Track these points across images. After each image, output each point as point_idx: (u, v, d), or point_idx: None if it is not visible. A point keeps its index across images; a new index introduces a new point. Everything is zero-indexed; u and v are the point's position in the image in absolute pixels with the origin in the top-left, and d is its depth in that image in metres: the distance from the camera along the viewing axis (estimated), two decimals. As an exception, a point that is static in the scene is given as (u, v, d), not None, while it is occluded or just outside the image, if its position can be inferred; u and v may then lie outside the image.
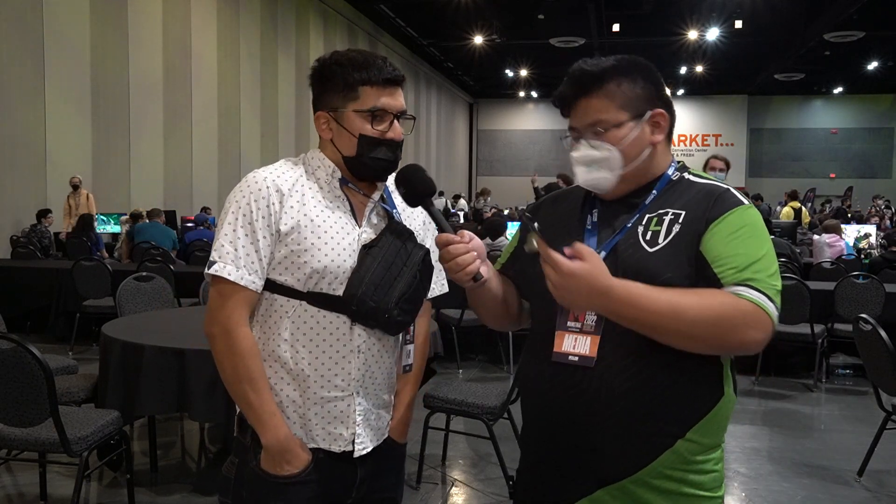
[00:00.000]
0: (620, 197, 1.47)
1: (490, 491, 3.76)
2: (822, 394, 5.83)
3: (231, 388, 1.57)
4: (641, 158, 1.43)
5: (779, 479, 3.99)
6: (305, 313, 1.57)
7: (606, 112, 1.42)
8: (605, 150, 1.42)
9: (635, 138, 1.42)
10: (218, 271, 1.53)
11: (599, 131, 1.42)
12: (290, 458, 1.56)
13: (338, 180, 1.63)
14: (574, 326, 1.42)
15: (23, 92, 9.12)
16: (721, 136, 27.30)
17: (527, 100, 28.82)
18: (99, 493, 3.66)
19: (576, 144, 1.46)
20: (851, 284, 5.89)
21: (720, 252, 1.34)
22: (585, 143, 1.44)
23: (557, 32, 17.77)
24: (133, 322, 3.96)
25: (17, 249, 8.50)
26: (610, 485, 1.39)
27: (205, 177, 12.78)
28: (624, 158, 1.42)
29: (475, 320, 5.93)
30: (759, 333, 1.29)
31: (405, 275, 1.59)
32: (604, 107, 1.42)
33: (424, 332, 1.81)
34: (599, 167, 1.43)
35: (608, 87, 1.42)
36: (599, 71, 1.42)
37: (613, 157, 1.42)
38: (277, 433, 1.55)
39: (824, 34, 16.78)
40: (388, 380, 1.70)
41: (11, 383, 2.86)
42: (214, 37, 12.85)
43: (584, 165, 1.45)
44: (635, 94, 1.43)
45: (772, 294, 1.30)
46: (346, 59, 1.59)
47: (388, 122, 1.60)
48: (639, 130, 1.42)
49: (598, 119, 1.42)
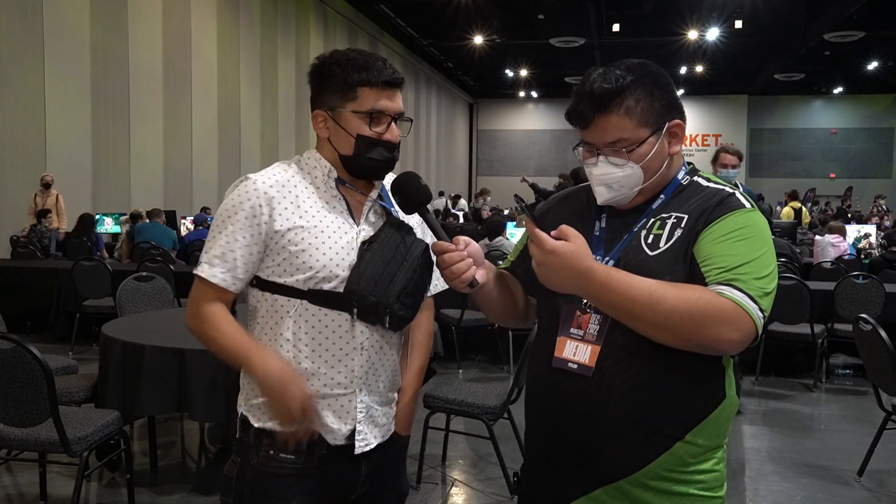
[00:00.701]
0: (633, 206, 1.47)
1: (490, 491, 3.76)
2: (822, 394, 5.83)
3: (224, 353, 1.57)
4: (661, 171, 1.43)
5: (779, 479, 3.99)
6: (307, 312, 1.58)
7: (626, 130, 1.39)
8: (627, 168, 1.40)
9: (655, 153, 1.41)
10: (200, 272, 1.58)
11: (620, 150, 1.40)
12: (294, 389, 1.51)
13: (334, 180, 1.63)
14: (577, 334, 1.43)
15: (23, 91, 9.12)
16: (721, 136, 27.28)
17: (527, 100, 28.81)
18: (99, 493, 3.66)
19: (592, 159, 1.43)
20: (851, 284, 5.88)
21: (709, 252, 1.34)
22: (605, 160, 1.41)
23: (557, 32, 17.77)
24: (133, 322, 3.96)
25: (17, 249, 8.51)
26: (608, 484, 1.39)
27: (205, 176, 12.77)
28: (645, 174, 1.41)
29: (475, 320, 5.93)
30: (735, 333, 1.27)
31: (405, 269, 1.59)
32: (624, 125, 1.38)
33: (427, 326, 1.81)
34: (621, 185, 1.42)
35: (626, 104, 1.38)
36: (617, 88, 1.38)
37: (635, 175, 1.41)
38: (273, 365, 1.53)
39: (824, 34, 16.78)
40: (393, 377, 1.70)
41: (11, 383, 2.86)
42: (214, 36, 12.85)
43: (604, 186, 1.43)
44: (653, 107, 1.40)
45: (757, 295, 1.29)
46: (346, 60, 1.59)
47: (385, 124, 1.60)
48: (659, 144, 1.41)
49: (619, 138, 1.39)
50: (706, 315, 1.27)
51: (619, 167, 1.40)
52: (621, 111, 1.38)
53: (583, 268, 1.32)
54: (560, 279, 1.34)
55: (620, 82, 1.38)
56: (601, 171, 1.42)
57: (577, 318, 1.43)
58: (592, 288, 1.32)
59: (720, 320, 1.27)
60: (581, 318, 1.43)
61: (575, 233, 1.34)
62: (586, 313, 1.42)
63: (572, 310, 1.44)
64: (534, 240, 1.35)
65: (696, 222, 1.38)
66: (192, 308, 1.60)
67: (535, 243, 1.34)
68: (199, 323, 1.59)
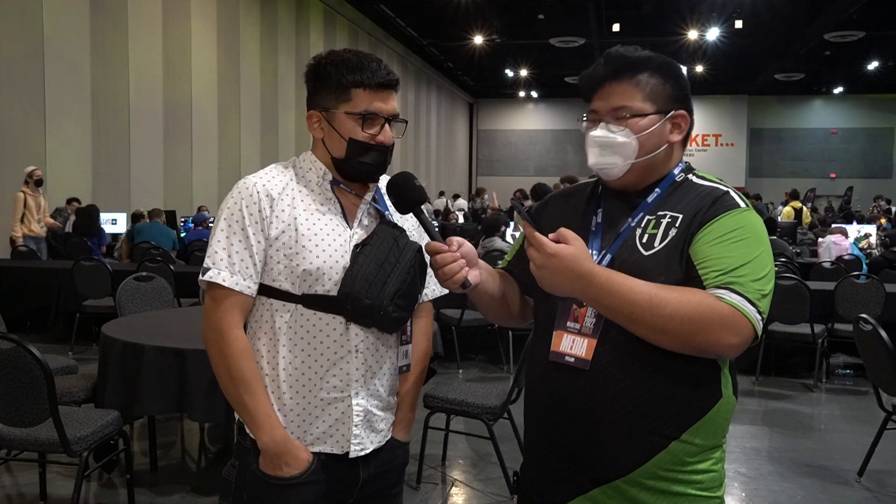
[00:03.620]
0: (624, 191, 1.47)
1: (490, 491, 3.75)
2: (822, 394, 5.83)
3: (226, 390, 1.58)
4: (655, 154, 1.44)
5: (779, 479, 3.99)
6: (301, 317, 1.58)
7: (632, 99, 1.43)
8: (622, 135, 1.42)
9: (654, 132, 1.43)
10: (212, 277, 1.55)
11: (622, 116, 1.43)
12: (289, 460, 1.56)
13: (329, 182, 1.63)
14: (573, 327, 1.43)
15: (22, 92, 9.11)
16: (721, 136, 27.29)
17: (527, 100, 28.81)
18: (99, 493, 3.66)
19: (594, 126, 1.46)
20: (851, 284, 5.88)
21: (707, 254, 1.34)
22: (604, 126, 1.44)
23: (557, 32, 17.78)
24: (133, 322, 3.96)
25: (17, 249, 8.50)
26: (605, 484, 1.39)
27: (205, 177, 12.77)
28: (639, 148, 1.42)
29: (475, 320, 5.94)
30: (734, 337, 1.28)
31: (399, 271, 1.59)
32: (631, 93, 1.43)
33: (426, 333, 1.80)
34: (613, 152, 1.43)
35: (640, 77, 1.43)
36: (635, 59, 1.44)
37: (629, 145, 1.42)
38: (274, 434, 1.55)
39: (824, 34, 16.79)
40: (390, 380, 1.70)
41: (11, 383, 2.86)
42: (214, 36, 12.85)
43: (597, 147, 1.45)
44: (664, 90, 1.44)
45: (755, 298, 1.30)
46: (341, 60, 1.59)
47: (378, 126, 1.60)
48: (659, 125, 1.43)
49: (622, 104, 1.43)
50: (705, 320, 1.27)
51: (615, 134, 1.43)
52: (632, 81, 1.43)
53: (583, 271, 1.32)
54: (560, 282, 1.34)
55: (640, 55, 1.44)
56: (598, 133, 1.45)
57: (573, 312, 1.44)
58: (592, 291, 1.32)
59: (719, 325, 1.27)
60: (577, 311, 1.43)
61: (574, 235, 1.34)
62: (583, 306, 1.43)
63: (569, 304, 1.44)
64: (533, 243, 1.35)
65: (690, 222, 1.38)
66: (212, 319, 1.57)
67: (535, 247, 1.34)
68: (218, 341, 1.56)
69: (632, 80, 1.43)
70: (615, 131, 1.43)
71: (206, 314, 1.59)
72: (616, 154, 1.43)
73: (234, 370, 1.55)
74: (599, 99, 1.46)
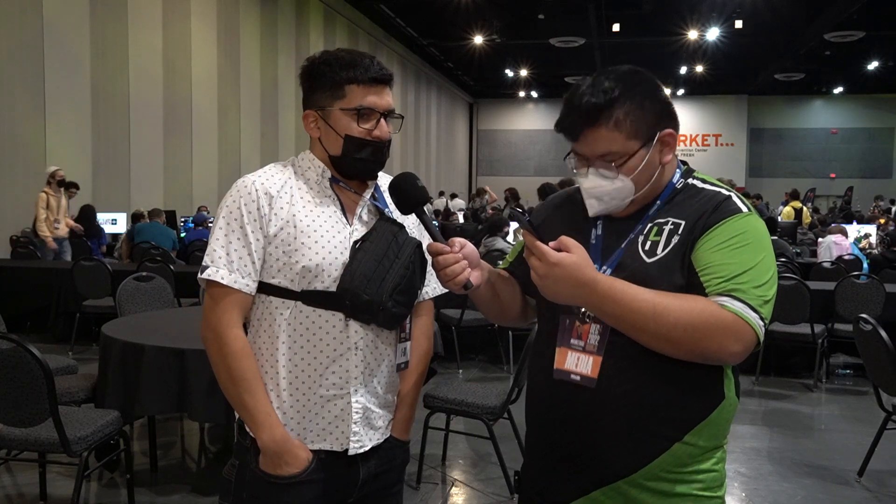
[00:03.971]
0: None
1: (490, 491, 3.75)
2: (822, 394, 5.83)
3: (226, 390, 1.58)
4: (652, 181, 1.42)
5: (779, 479, 3.99)
6: (301, 314, 1.58)
7: (616, 143, 1.37)
8: (617, 181, 1.39)
9: (646, 164, 1.39)
10: (210, 276, 1.55)
11: (610, 163, 1.39)
12: (289, 459, 1.56)
13: (328, 180, 1.64)
14: (577, 345, 1.42)
15: (23, 91, 9.11)
16: (721, 136, 27.30)
17: (527, 100, 28.82)
18: (99, 493, 3.66)
19: (583, 170, 1.43)
20: (852, 284, 5.88)
21: (709, 260, 1.33)
22: (595, 172, 1.41)
23: (557, 32, 17.78)
24: (133, 322, 3.96)
25: (17, 249, 8.50)
26: (606, 485, 1.39)
27: (205, 177, 12.77)
28: (636, 186, 1.40)
29: (475, 320, 5.94)
30: (737, 345, 1.28)
31: (398, 267, 1.59)
32: (613, 138, 1.37)
33: (427, 332, 1.80)
34: (611, 198, 1.41)
35: (616, 117, 1.36)
36: (606, 102, 1.36)
37: (626, 187, 1.40)
38: (274, 434, 1.55)
39: (824, 34, 16.79)
40: (390, 377, 1.69)
41: (11, 383, 2.86)
42: (214, 36, 12.85)
43: (595, 199, 1.42)
44: (643, 119, 1.38)
45: (757, 305, 1.29)
46: (334, 59, 1.60)
47: (374, 121, 1.61)
48: (649, 155, 1.39)
49: (608, 151, 1.38)
50: (708, 327, 1.27)
51: (609, 180, 1.39)
52: (610, 125, 1.36)
53: (586, 279, 1.31)
54: (563, 291, 1.33)
55: (609, 95, 1.36)
56: (591, 183, 1.41)
57: (576, 329, 1.43)
58: (595, 299, 1.32)
59: (722, 333, 1.27)
60: (581, 328, 1.42)
61: (575, 243, 1.33)
62: (586, 323, 1.42)
63: (572, 320, 1.44)
64: (535, 252, 1.33)
65: (693, 228, 1.37)
66: (211, 318, 1.57)
67: (538, 256, 1.33)
68: (217, 340, 1.56)
69: (609, 123, 1.36)
70: (608, 177, 1.39)
71: (205, 313, 1.59)
72: (614, 199, 1.41)
73: (233, 369, 1.55)
74: (583, 144, 1.40)
